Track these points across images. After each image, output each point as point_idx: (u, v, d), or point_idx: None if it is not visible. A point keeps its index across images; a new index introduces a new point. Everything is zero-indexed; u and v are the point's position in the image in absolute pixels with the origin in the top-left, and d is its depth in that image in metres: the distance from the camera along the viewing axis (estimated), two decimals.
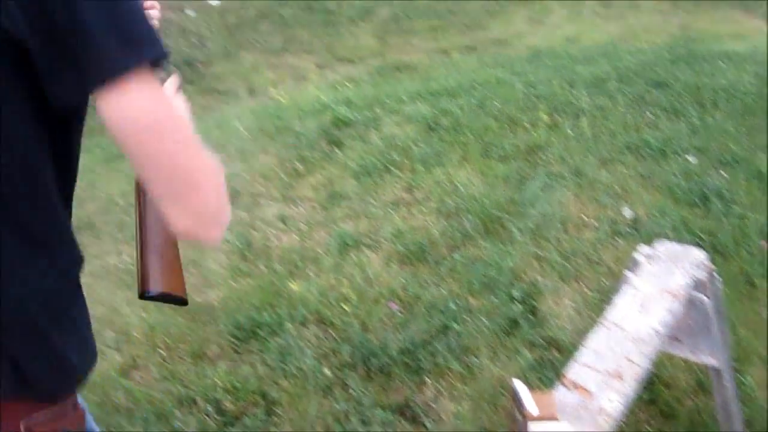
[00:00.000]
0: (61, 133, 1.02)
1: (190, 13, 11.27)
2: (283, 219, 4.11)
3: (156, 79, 0.94)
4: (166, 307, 3.16)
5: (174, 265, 1.25)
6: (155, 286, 1.21)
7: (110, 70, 0.89)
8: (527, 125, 5.06)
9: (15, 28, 0.87)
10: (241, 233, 3.92)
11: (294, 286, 3.43)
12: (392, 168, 4.56)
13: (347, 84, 7.51)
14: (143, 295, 1.21)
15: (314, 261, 3.69)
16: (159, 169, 0.97)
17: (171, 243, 1.26)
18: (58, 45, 0.88)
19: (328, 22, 11.25)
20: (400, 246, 3.71)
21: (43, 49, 0.88)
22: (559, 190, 4.16)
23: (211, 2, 11.62)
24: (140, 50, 0.91)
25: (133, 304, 3.41)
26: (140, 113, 0.92)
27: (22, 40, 0.87)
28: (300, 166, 4.71)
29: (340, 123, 5.21)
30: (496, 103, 5.44)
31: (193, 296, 3.37)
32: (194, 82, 9.18)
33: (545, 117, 5.10)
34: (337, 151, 4.86)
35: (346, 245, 3.77)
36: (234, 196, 4.37)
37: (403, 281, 3.44)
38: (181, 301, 1.28)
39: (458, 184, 4.28)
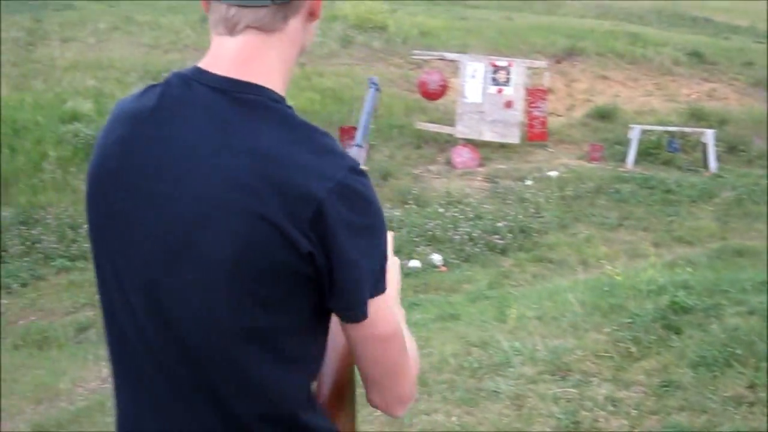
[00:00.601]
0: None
1: (529, 182, 11.80)
2: (613, 401, 4.05)
3: (390, 296, 1.26)
4: None
5: (344, 405, 1.41)
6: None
7: (358, 315, 1.21)
8: None
9: (316, 254, 1.15)
10: (570, 411, 3.93)
11: None
12: (734, 362, 4.31)
13: (685, 266, 7.29)
14: None
15: None
16: (376, 364, 1.27)
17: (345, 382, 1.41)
18: (337, 278, 1.18)
19: (667, 201, 11.14)
20: None
21: (325, 275, 1.17)
22: None
23: (549, 173, 12.08)
24: (383, 286, 1.22)
25: None
26: (375, 332, 1.24)
27: (318, 265, 1.16)
28: (633, 348, 4.63)
29: (678, 308, 5.06)
30: None
31: None
32: (527, 250, 9.49)
33: None
34: (673, 337, 4.72)
35: None
36: (565, 371, 4.41)
37: None
38: None
39: None
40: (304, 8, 1.28)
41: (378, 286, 1.22)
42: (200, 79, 1.23)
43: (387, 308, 1.25)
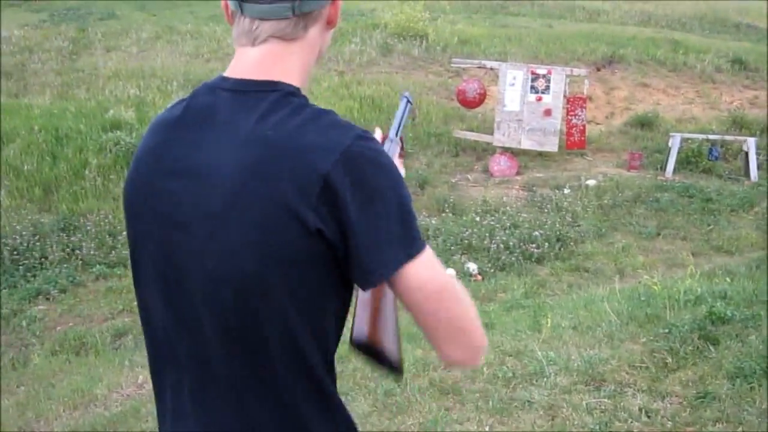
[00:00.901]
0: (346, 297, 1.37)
1: (567, 191, 11.75)
2: (647, 412, 4.04)
3: (428, 253, 1.28)
4: None
5: (387, 326, 1.47)
6: (359, 334, 1.43)
7: (388, 271, 1.25)
8: None
9: (326, 229, 1.22)
10: (604, 422, 3.92)
11: None
12: None
13: (724, 276, 7.22)
14: (352, 343, 1.44)
15: None
16: (438, 321, 1.30)
17: (386, 303, 1.47)
18: (352, 246, 1.23)
19: (707, 210, 11.01)
20: None
21: (342, 245, 1.24)
22: None
23: (588, 182, 12.02)
24: (418, 245, 1.26)
25: None
26: (423, 286, 1.27)
27: (329, 239, 1.22)
28: (669, 359, 4.61)
29: (716, 319, 5.02)
30: None
31: None
32: (564, 259, 9.46)
33: None
34: (711, 348, 4.68)
35: None
36: (599, 381, 4.40)
37: None
38: (391, 367, 1.46)
39: None
40: (322, 17, 1.37)
41: (413, 246, 1.27)
42: (222, 85, 1.34)
43: (429, 265, 1.29)
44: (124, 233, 1.43)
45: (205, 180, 1.27)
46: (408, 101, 1.87)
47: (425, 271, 1.28)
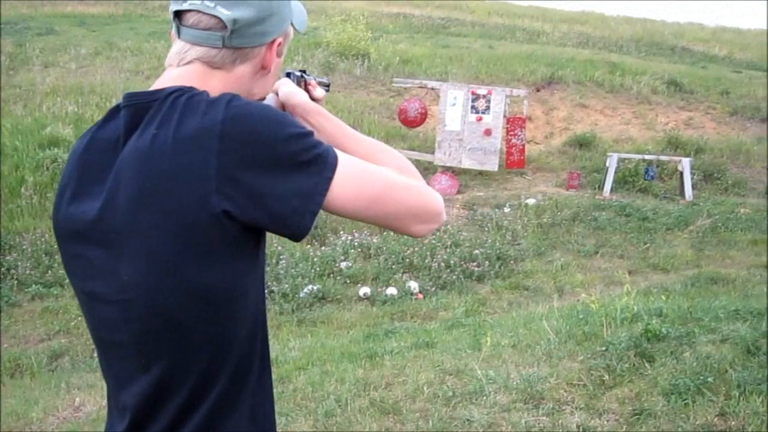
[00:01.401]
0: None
1: (507, 210, 11.85)
2: (585, 430, 4.05)
3: (343, 166, 1.31)
4: None
5: None
6: None
7: (303, 229, 1.28)
8: None
9: (239, 213, 1.24)
10: None
11: None
12: (705, 390, 4.33)
13: (660, 294, 7.34)
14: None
15: None
16: (388, 215, 1.36)
17: None
18: (269, 208, 1.25)
19: (643, 228, 11.23)
20: None
21: (257, 217, 1.26)
22: None
23: (527, 201, 12.15)
24: (322, 172, 1.28)
25: None
26: (356, 200, 1.32)
27: (243, 221, 1.25)
28: (606, 377, 4.65)
29: (652, 336, 5.08)
30: None
31: None
32: (504, 277, 9.52)
33: None
34: (646, 365, 4.74)
35: None
36: (538, 399, 4.41)
37: None
38: None
39: None
40: (255, 58, 1.43)
41: (323, 173, 1.29)
42: (125, 102, 1.36)
43: (350, 177, 1.32)
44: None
45: (122, 188, 1.29)
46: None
47: (350, 185, 1.31)
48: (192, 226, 1.24)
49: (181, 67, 1.40)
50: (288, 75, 1.77)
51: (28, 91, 15.20)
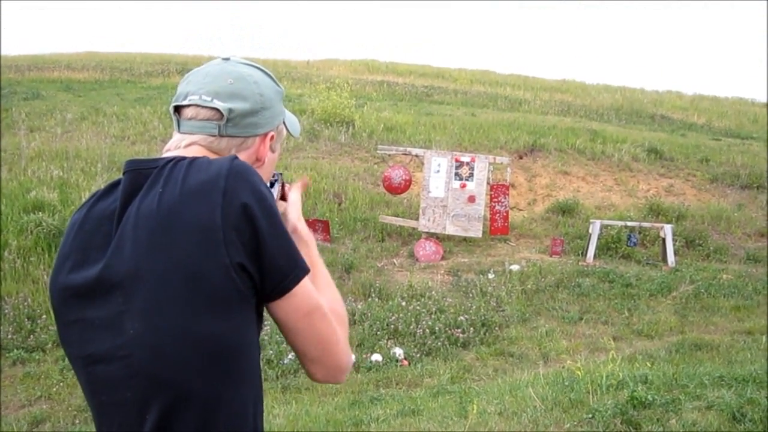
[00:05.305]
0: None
1: (491, 276, 11.88)
2: None
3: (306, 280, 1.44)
4: None
5: None
6: None
7: (284, 290, 1.40)
8: None
9: (245, 261, 1.34)
10: None
11: None
12: None
13: (645, 360, 7.34)
14: None
15: None
16: (310, 338, 1.45)
17: None
18: (265, 269, 1.37)
19: (627, 294, 11.27)
20: None
21: (258, 272, 1.37)
22: None
23: (511, 267, 12.19)
24: (299, 267, 1.42)
25: None
26: (300, 308, 1.43)
27: (247, 267, 1.35)
28: None
29: (638, 403, 5.08)
30: None
31: None
32: (489, 344, 9.48)
33: None
34: None
35: None
36: None
37: None
38: None
39: None
40: (250, 149, 1.57)
41: (301, 266, 1.45)
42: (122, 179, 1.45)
43: (309, 287, 1.45)
44: (44, 317, 1.44)
45: (130, 244, 1.35)
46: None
47: (306, 291, 1.44)
48: (200, 276, 1.30)
49: (182, 149, 1.51)
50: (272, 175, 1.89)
51: (14, 155, 15.22)
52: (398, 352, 9.00)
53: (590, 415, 5.02)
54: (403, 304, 10.33)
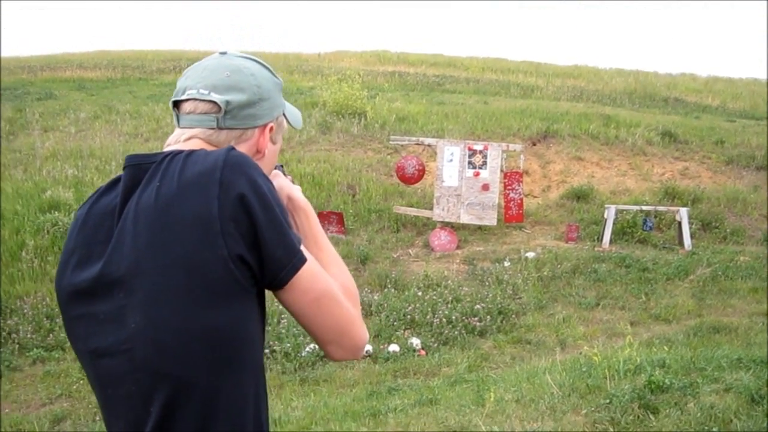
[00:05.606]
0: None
1: (507, 264, 11.87)
2: None
3: (309, 261, 1.45)
4: None
5: None
6: None
7: (284, 279, 1.41)
8: None
9: (243, 252, 1.34)
10: None
11: None
12: None
13: (662, 345, 7.32)
14: None
15: None
16: (322, 323, 1.47)
17: None
18: (263, 260, 1.38)
19: (644, 279, 11.22)
20: None
21: (257, 263, 1.38)
22: None
23: (527, 255, 12.17)
24: (297, 257, 1.42)
25: None
26: (306, 294, 1.44)
27: (246, 259, 1.35)
28: (611, 429, 4.63)
29: (655, 388, 5.07)
30: None
31: None
32: (506, 332, 9.48)
33: None
34: (651, 417, 4.72)
35: None
36: None
37: None
38: None
39: None
40: (249, 141, 1.58)
41: (298, 254, 1.45)
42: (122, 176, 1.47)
43: (314, 271, 1.46)
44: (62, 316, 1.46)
45: (133, 237, 1.37)
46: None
47: (310, 277, 1.44)
48: (199, 269, 1.31)
49: (182, 143, 1.53)
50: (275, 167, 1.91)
51: (28, 155, 15.34)
52: (415, 342, 9.03)
53: (608, 401, 5.01)
54: (420, 294, 10.35)
